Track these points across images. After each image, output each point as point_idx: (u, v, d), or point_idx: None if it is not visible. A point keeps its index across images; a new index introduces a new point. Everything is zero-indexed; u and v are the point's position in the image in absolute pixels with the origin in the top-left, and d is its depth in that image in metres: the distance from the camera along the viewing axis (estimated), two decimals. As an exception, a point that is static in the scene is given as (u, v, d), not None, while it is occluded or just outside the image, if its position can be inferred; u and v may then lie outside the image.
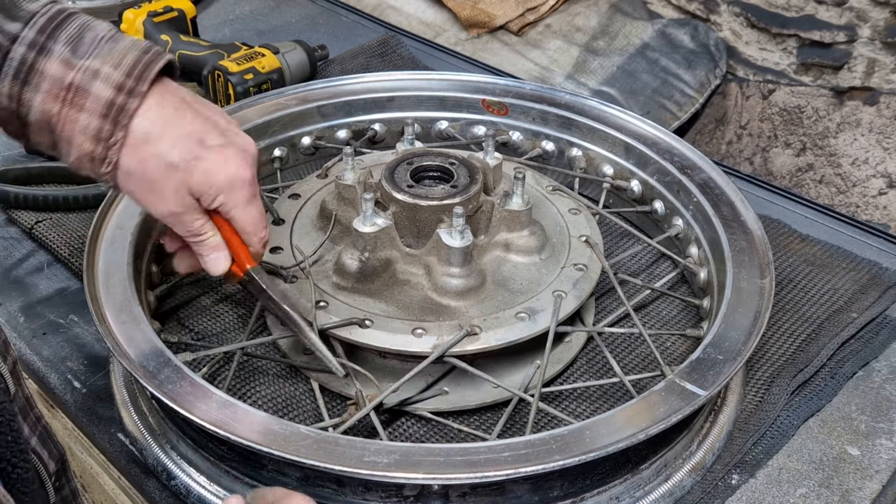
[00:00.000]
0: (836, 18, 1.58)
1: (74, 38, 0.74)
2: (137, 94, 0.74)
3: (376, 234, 0.92)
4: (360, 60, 1.58)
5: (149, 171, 0.76)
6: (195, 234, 0.82)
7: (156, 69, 0.75)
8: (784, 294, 1.07)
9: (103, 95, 0.73)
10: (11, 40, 0.72)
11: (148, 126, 0.75)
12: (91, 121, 0.73)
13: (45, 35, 0.73)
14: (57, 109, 0.73)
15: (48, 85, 0.73)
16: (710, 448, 0.88)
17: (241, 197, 0.80)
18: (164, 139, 0.76)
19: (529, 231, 0.98)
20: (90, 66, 0.73)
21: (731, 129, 1.74)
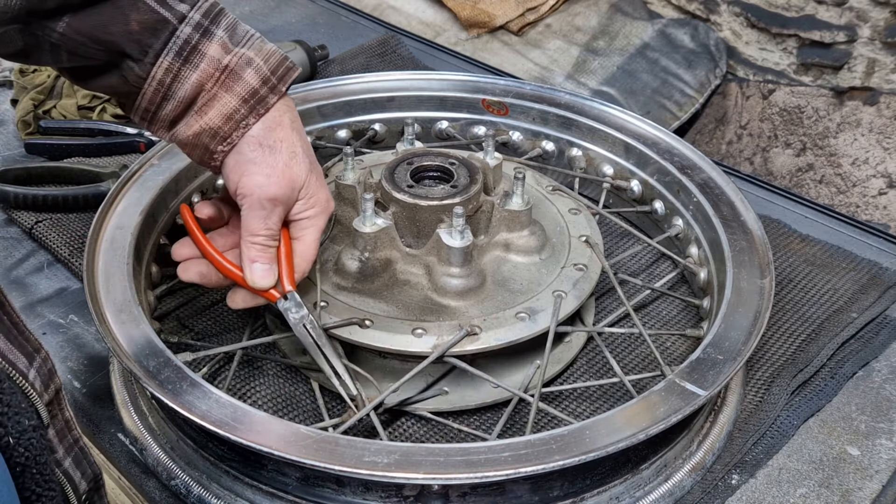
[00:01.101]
0: (836, 18, 1.59)
1: (231, 27, 0.82)
2: (277, 92, 0.82)
3: (376, 234, 0.92)
4: (360, 60, 1.58)
5: (276, 150, 0.81)
6: (270, 232, 0.82)
7: (293, 76, 0.83)
8: (784, 294, 1.07)
9: (251, 83, 0.80)
10: (180, 20, 0.78)
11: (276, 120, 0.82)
12: (232, 101, 0.79)
13: (208, 19, 0.80)
14: (209, 87, 0.79)
15: (206, 65, 0.79)
16: (710, 448, 0.88)
17: (322, 222, 0.86)
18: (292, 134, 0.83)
19: (529, 231, 0.98)
20: (245, 54, 0.81)
21: (731, 129, 1.74)
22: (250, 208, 0.81)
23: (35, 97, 1.38)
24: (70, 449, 0.74)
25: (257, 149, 0.81)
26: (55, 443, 0.71)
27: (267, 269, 0.83)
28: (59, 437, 0.72)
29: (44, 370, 0.70)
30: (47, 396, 0.69)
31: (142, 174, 1.07)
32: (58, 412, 0.72)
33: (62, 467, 0.72)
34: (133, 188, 1.04)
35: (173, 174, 1.07)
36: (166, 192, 1.06)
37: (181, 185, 1.10)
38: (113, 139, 1.32)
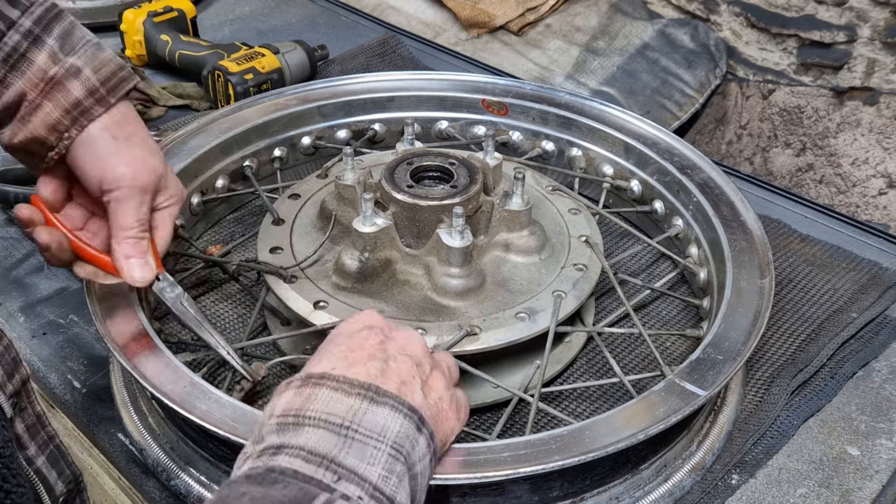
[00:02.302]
0: (836, 18, 1.59)
1: (65, 34, 0.78)
2: (105, 104, 0.80)
3: (376, 234, 0.92)
4: (360, 60, 1.58)
5: (133, 143, 0.81)
6: (142, 224, 0.81)
7: (128, 87, 0.81)
8: (784, 294, 1.07)
9: (75, 94, 0.78)
10: (8, 26, 0.76)
11: (100, 130, 0.80)
12: (54, 112, 0.78)
13: (40, 26, 0.77)
14: (32, 96, 0.78)
15: (32, 73, 0.77)
16: (710, 448, 0.88)
17: (177, 210, 0.86)
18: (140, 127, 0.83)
19: (529, 231, 0.98)
20: (74, 64, 0.78)
21: (731, 129, 1.74)
22: (120, 201, 0.80)
23: (35, 97, 1.38)
24: (44, 447, 0.72)
25: (113, 142, 0.80)
26: (25, 438, 0.70)
27: (143, 264, 0.82)
28: (29, 433, 0.71)
29: (6, 359, 0.68)
30: (11, 387, 0.68)
31: (142, 174, 1.07)
32: (27, 405, 0.71)
33: (34, 465, 0.71)
34: (133, 188, 1.04)
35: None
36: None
37: (181, 185, 1.10)
38: (113, 139, 1.32)
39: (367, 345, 0.69)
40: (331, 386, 0.63)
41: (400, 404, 0.63)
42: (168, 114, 1.44)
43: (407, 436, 0.62)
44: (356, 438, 0.60)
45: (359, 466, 0.59)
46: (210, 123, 1.18)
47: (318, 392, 0.62)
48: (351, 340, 0.69)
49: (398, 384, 0.66)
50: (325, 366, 0.66)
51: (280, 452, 0.59)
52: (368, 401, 0.62)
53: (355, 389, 0.63)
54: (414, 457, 0.62)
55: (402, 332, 0.73)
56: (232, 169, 1.17)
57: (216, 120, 1.18)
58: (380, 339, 0.70)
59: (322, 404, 0.61)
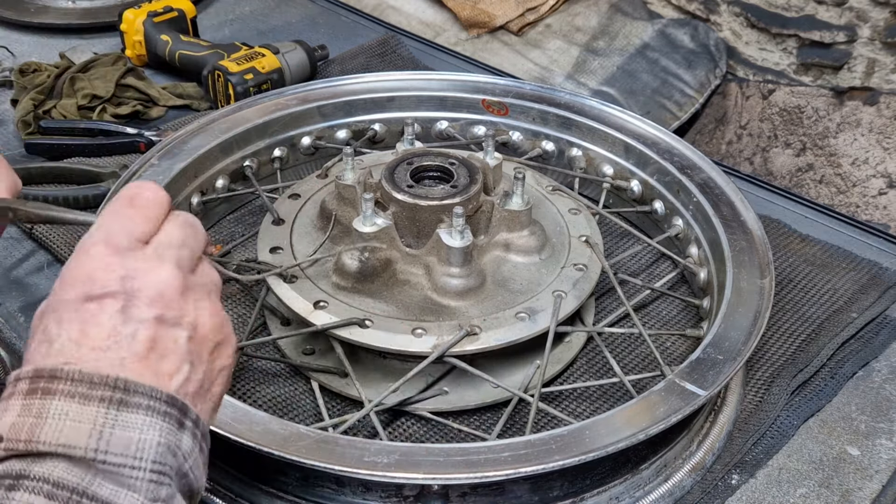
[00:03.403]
0: (836, 18, 1.59)
1: None
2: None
3: (376, 234, 0.92)
4: (360, 60, 1.58)
5: None
6: None
7: None
8: (784, 294, 1.07)
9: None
10: None
11: None
12: None
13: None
14: None
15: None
16: (710, 448, 0.88)
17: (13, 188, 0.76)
18: None
19: (529, 231, 0.98)
20: None
21: (731, 129, 1.74)
22: None
23: (35, 97, 1.38)
24: None
25: None
26: None
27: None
28: None
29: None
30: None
31: (142, 174, 1.07)
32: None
33: None
34: (133, 188, 1.04)
35: (173, 174, 1.07)
36: (166, 192, 1.06)
37: (181, 185, 1.10)
38: (113, 139, 1.32)
39: (103, 319, 0.52)
40: (65, 392, 0.49)
41: (156, 400, 0.51)
42: (168, 114, 1.44)
43: (168, 446, 0.51)
44: (107, 469, 0.48)
45: (116, 496, 0.48)
46: (210, 123, 1.18)
47: (49, 405, 0.49)
48: (79, 313, 0.52)
49: (154, 367, 0.53)
50: (51, 354, 0.51)
51: (18, 486, 0.47)
52: (116, 406, 0.49)
53: (97, 391, 0.49)
54: (180, 461, 0.52)
55: (147, 277, 0.54)
56: (232, 169, 1.17)
57: (216, 120, 1.18)
58: (118, 308, 0.53)
59: (56, 428, 0.48)
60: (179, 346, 0.54)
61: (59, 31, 1.68)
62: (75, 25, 1.69)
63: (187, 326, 0.55)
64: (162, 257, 0.56)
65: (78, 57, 1.50)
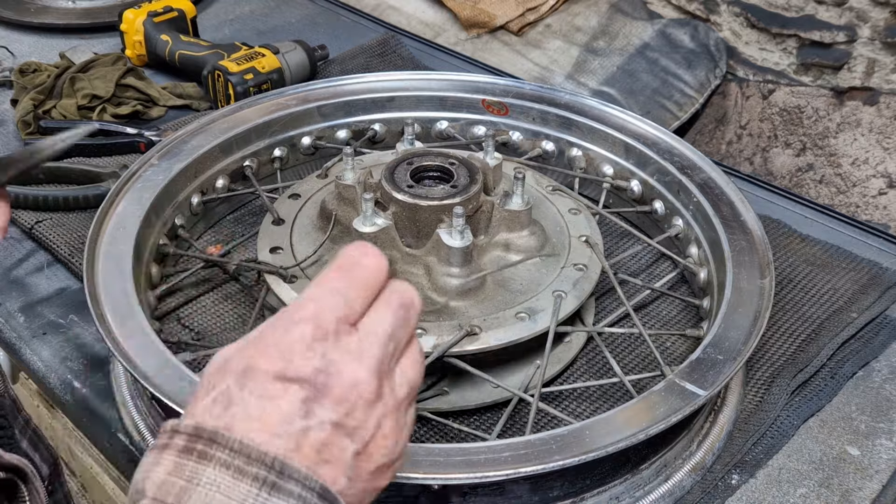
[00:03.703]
0: (836, 18, 1.58)
1: None
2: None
3: (376, 234, 0.92)
4: (360, 60, 1.58)
5: None
6: None
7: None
8: (784, 294, 1.07)
9: None
10: None
11: None
12: None
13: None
14: None
15: None
16: (710, 448, 0.88)
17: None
18: None
19: (529, 231, 0.98)
20: None
21: (731, 129, 1.74)
22: None
23: (35, 97, 1.38)
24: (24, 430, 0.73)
25: None
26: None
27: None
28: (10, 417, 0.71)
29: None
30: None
31: (142, 174, 1.07)
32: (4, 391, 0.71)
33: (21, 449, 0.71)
34: (133, 188, 1.05)
35: (173, 174, 1.07)
36: (166, 192, 1.06)
37: (181, 185, 1.10)
38: (113, 139, 1.32)
39: (285, 406, 0.50)
40: (221, 461, 0.47)
41: (309, 490, 0.48)
42: (168, 114, 1.44)
43: None
44: None
45: None
46: (210, 123, 1.18)
47: (203, 472, 0.47)
48: (266, 388, 0.50)
49: (315, 465, 0.50)
50: (230, 415, 0.49)
51: None
52: (269, 489, 0.47)
53: (253, 468, 0.47)
54: None
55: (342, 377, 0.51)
56: (232, 169, 1.17)
57: (216, 120, 1.18)
58: (304, 398, 0.50)
59: (204, 499, 0.46)
60: (346, 457, 0.51)
61: (59, 31, 1.68)
62: (75, 25, 1.69)
63: (359, 441, 0.51)
64: (363, 354, 0.52)
65: (78, 57, 1.50)
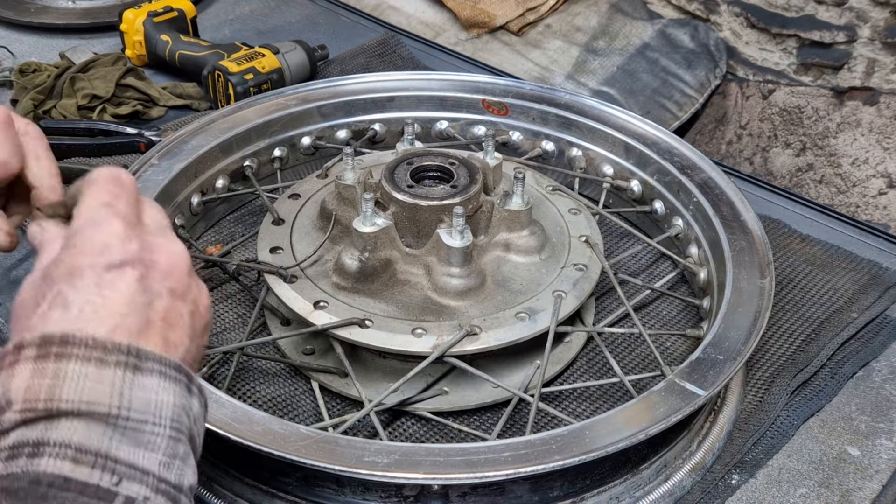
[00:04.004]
0: (836, 18, 1.59)
1: None
2: None
3: (376, 234, 0.92)
4: (360, 60, 1.58)
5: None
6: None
7: None
8: (784, 294, 1.07)
9: None
10: None
11: None
12: None
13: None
14: None
15: None
16: (710, 448, 0.88)
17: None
18: None
19: (529, 231, 0.98)
20: None
21: (731, 129, 1.74)
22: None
23: (35, 97, 1.38)
24: None
25: None
26: None
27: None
28: None
29: None
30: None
31: (142, 174, 1.07)
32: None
33: None
34: (133, 188, 1.04)
35: (173, 174, 1.07)
36: (166, 192, 1.06)
37: (181, 185, 1.10)
38: (113, 139, 1.32)
39: (124, 288, 0.53)
40: (81, 356, 0.49)
41: (166, 366, 0.52)
42: (168, 114, 1.44)
43: (183, 407, 0.52)
44: (129, 426, 0.49)
45: (137, 457, 0.49)
46: (210, 123, 1.18)
47: (66, 368, 0.49)
48: (102, 279, 0.53)
49: (163, 336, 0.54)
50: (66, 319, 0.51)
51: (40, 453, 0.47)
52: (131, 370, 0.50)
53: (112, 357, 0.50)
54: (191, 423, 0.54)
55: (162, 253, 0.57)
56: (232, 169, 1.17)
57: (216, 120, 1.18)
58: (138, 277, 0.54)
59: (76, 388, 0.49)
60: (184, 319, 0.57)
61: (59, 31, 1.68)
62: (75, 25, 1.69)
63: (190, 302, 0.58)
64: (165, 234, 0.59)
65: (78, 57, 1.50)
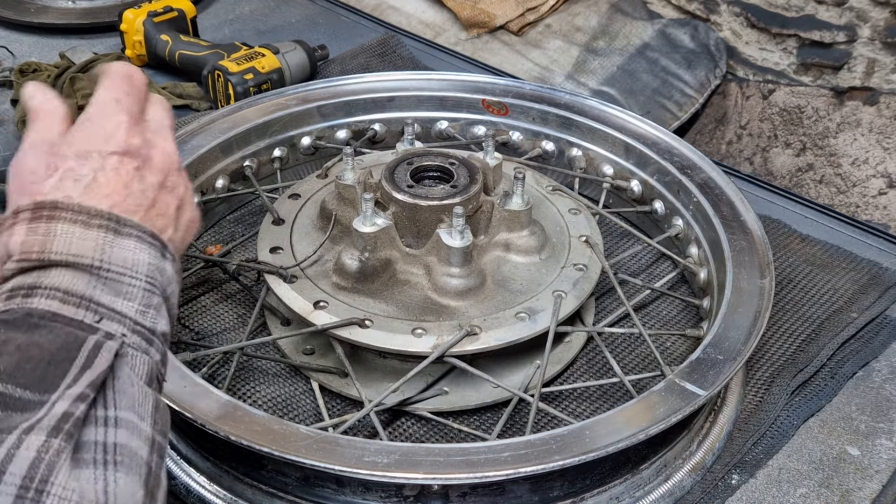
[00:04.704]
0: (836, 18, 1.59)
1: None
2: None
3: (376, 234, 0.92)
4: (360, 60, 1.58)
5: None
6: None
7: None
8: (784, 294, 1.07)
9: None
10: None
11: None
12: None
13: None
14: None
15: None
16: (710, 448, 0.88)
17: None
18: None
19: (529, 231, 0.98)
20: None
21: (731, 129, 1.74)
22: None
23: (35, 97, 1.38)
24: None
25: None
26: None
27: None
28: None
29: None
30: None
31: (142, 174, 1.07)
32: None
33: None
34: (133, 188, 1.04)
35: (173, 174, 1.07)
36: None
37: (181, 185, 1.09)
38: (113, 139, 1.32)
39: (123, 173, 0.62)
40: (68, 219, 0.58)
41: (144, 233, 0.60)
42: (168, 114, 1.44)
43: (157, 266, 0.60)
44: (109, 277, 0.57)
45: (116, 303, 0.57)
46: (210, 123, 1.18)
47: (56, 227, 0.57)
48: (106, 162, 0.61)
49: (151, 219, 0.62)
50: (75, 190, 0.60)
51: (33, 294, 0.55)
52: (113, 233, 0.59)
53: (95, 220, 0.58)
54: (165, 282, 0.61)
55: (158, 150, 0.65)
56: (232, 169, 1.17)
57: (216, 120, 1.18)
58: (136, 166, 0.63)
59: (64, 242, 0.57)
60: (171, 211, 0.65)
61: (59, 31, 1.68)
62: (75, 25, 1.69)
63: (177, 198, 0.66)
64: (163, 134, 0.66)
65: (78, 57, 1.50)
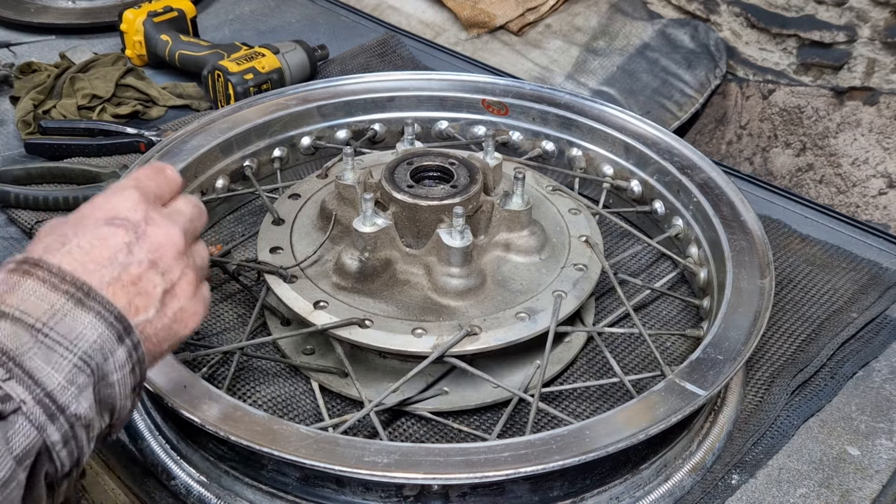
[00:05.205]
0: (836, 18, 1.59)
1: None
2: None
3: (376, 234, 0.92)
4: (360, 60, 1.58)
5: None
6: None
7: None
8: (784, 294, 1.07)
9: None
10: None
11: None
12: None
13: None
14: None
15: None
16: (710, 448, 0.88)
17: None
18: None
19: (529, 231, 0.98)
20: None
21: (731, 129, 1.74)
22: None
23: (35, 97, 1.38)
24: None
25: None
26: None
27: None
28: None
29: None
30: None
31: (142, 174, 1.07)
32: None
33: None
34: (133, 188, 1.04)
35: (173, 174, 1.07)
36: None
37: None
38: (113, 139, 1.32)
39: (112, 244, 0.63)
40: (40, 277, 0.59)
41: (108, 311, 0.60)
42: (168, 114, 1.44)
43: (101, 347, 0.59)
44: (45, 343, 0.57)
45: (39, 371, 0.56)
46: (210, 123, 1.18)
47: (23, 283, 0.58)
48: (97, 231, 0.63)
49: (128, 296, 0.62)
50: (59, 253, 0.61)
51: None
52: (74, 302, 0.59)
53: (64, 286, 0.59)
54: (107, 367, 0.60)
55: (159, 229, 0.66)
56: (232, 169, 1.17)
57: (216, 120, 1.18)
58: (127, 241, 0.63)
59: (21, 298, 0.58)
60: (156, 293, 0.64)
61: (59, 31, 1.68)
62: (75, 25, 1.69)
63: (168, 282, 0.66)
64: (174, 221, 0.68)
65: (78, 57, 1.50)
